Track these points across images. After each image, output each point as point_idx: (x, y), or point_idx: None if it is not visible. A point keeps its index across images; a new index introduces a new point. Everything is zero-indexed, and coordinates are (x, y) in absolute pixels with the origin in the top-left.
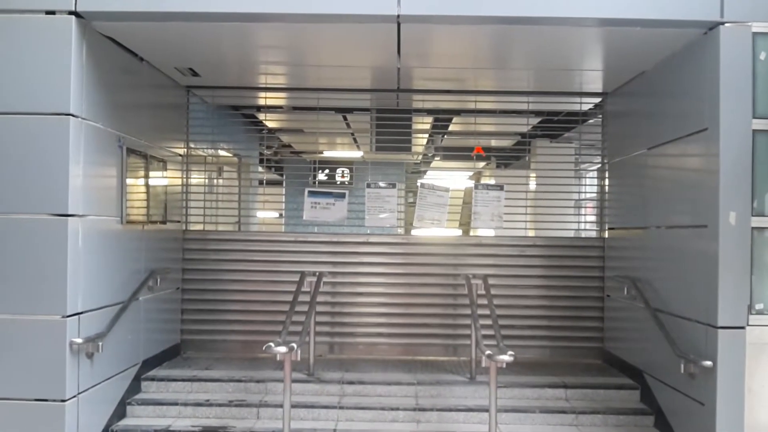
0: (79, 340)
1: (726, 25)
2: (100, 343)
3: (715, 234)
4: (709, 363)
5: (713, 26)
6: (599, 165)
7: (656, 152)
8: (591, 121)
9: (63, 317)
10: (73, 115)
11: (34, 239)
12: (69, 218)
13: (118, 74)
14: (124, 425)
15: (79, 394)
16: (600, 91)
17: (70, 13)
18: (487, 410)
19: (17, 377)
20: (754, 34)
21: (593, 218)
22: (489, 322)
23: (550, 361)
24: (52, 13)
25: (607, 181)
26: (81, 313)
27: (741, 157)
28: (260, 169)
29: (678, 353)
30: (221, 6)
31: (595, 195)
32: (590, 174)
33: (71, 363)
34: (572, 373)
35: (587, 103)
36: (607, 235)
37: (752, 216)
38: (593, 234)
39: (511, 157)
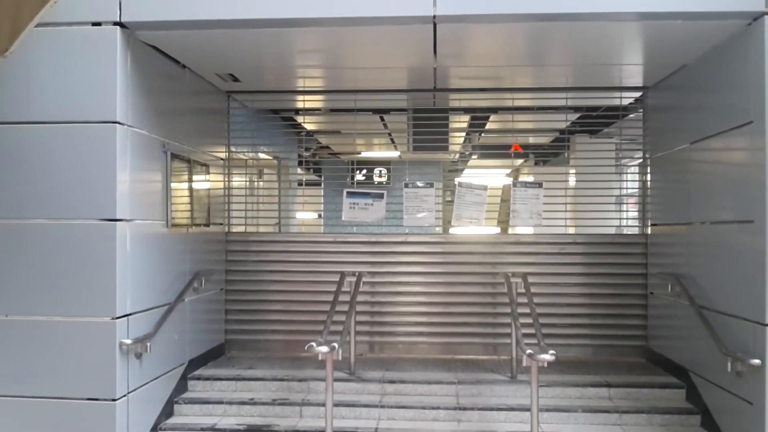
0: (129, 341)
1: None
2: (149, 344)
3: (762, 229)
4: (757, 361)
5: (758, 17)
6: (640, 160)
7: (700, 146)
8: (631, 115)
9: (113, 319)
10: (119, 123)
11: (84, 244)
12: (117, 223)
13: (162, 81)
14: (172, 423)
15: (128, 393)
16: (640, 85)
17: (115, 23)
18: (528, 409)
19: (70, 377)
20: None
21: (635, 214)
22: (529, 320)
23: (592, 359)
24: (98, 24)
25: (648, 177)
26: (130, 314)
27: None
28: (299, 170)
29: (725, 351)
30: (260, 13)
31: (636, 191)
32: (631, 169)
33: (121, 363)
34: (615, 372)
35: (627, 98)
36: (649, 231)
37: None
38: (635, 230)
39: (549, 153)
